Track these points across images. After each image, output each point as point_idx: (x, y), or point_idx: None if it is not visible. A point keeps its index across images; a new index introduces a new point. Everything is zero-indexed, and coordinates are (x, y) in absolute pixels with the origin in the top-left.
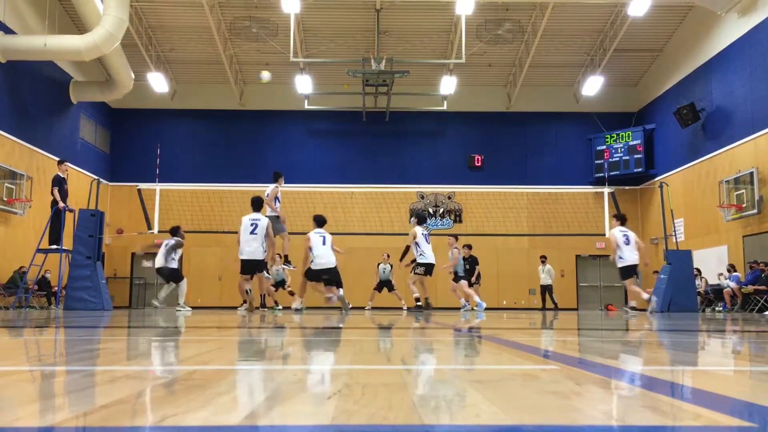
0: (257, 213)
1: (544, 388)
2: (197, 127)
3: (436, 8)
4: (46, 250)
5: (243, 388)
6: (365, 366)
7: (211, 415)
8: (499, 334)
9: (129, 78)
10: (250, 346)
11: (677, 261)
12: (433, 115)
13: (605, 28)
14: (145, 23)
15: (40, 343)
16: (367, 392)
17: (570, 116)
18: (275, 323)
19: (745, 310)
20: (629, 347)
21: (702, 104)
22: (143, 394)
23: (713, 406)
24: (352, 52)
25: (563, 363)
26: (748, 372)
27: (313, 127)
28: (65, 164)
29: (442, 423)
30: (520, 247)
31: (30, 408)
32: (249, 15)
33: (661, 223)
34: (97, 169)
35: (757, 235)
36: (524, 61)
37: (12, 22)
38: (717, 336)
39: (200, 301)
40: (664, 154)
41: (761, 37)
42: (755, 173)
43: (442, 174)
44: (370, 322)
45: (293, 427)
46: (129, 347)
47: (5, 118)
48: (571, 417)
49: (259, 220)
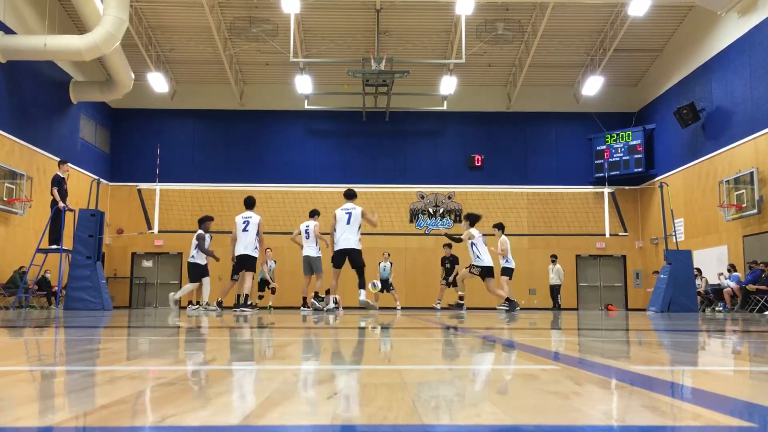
0: (250, 211)
1: (544, 388)
2: (197, 127)
3: (436, 8)
4: (46, 250)
5: (243, 388)
6: (365, 366)
7: (211, 415)
8: (499, 334)
9: (129, 78)
10: (251, 346)
11: (677, 261)
12: (433, 115)
13: (605, 28)
14: (145, 23)
15: (40, 343)
16: (367, 392)
17: (570, 116)
18: (272, 323)
19: (745, 310)
20: (629, 347)
21: (702, 104)
22: (143, 394)
23: (713, 406)
24: (352, 52)
25: (563, 363)
26: (748, 372)
27: (313, 127)
28: (66, 164)
29: (442, 423)
30: (520, 247)
31: (30, 408)
32: (249, 15)
33: (661, 223)
34: (97, 169)
35: (757, 235)
36: (524, 61)
37: (12, 22)
38: (717, 336)
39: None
40: (664, 154)
41: (761, 37)
42: (755, 173)
43: (442, 174)
44: (371, 321)
45: (293, 427)
46: (129, 347)
47: (5, 118)
48: (571, 417)
49: (251, 218)
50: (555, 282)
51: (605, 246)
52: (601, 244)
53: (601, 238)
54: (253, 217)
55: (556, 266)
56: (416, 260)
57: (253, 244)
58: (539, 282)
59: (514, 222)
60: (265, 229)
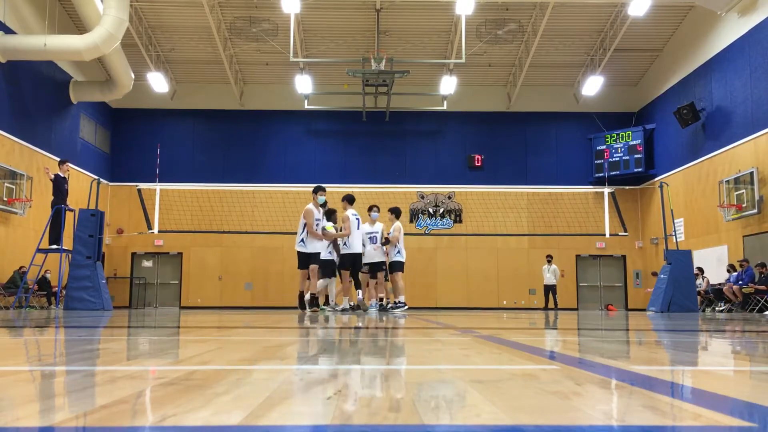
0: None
1: (544, 388)
2: (197, 127)
3: (436, 8)
4: (46, 250)
5: (243, 387)
6: (365, 366)
7: (211, 415)
8: (499, 334)
9: (129, 78)
10: (251, 346)
11: (677, 261)
12: (433, 115)
13: (605, 28)
14: (145, 23)
15: (40, 343)
16: (367, 392)
17: (570, 116)
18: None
19: (745, 309)
20: (629, 347)
21: (702, 104)
22: (143, 394)
23: (713, 406)
24: (352, 52)
25: (563, 363)
26: (748, 372)
27: (313, 127)
28: (66, 164)
29: (442, 423)
30: (520, 247)
31: (30, 408)
32: (249, 15)
33: (661, 223)
34: (97, 169)
35: (757, 235)
36: (524, 61)
37: (12, 22)
38: (717, 336)
39: (200, 301)
40: (664, 154)
41: (761, 37)
42: (755, 173)
43: (442, 174)
44: (371, 321)
45: (293, 427)
46: (129, 347)
47: (5, 118)
48: (571, 417)
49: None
50: (551, 282)
51: (605, 246)
52: (601, 244)
53: (601, 238)
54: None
55: (552, 266)
56: (416, 260)
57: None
58: (540, 282)
59: (514, 222)
60: (265, 229)
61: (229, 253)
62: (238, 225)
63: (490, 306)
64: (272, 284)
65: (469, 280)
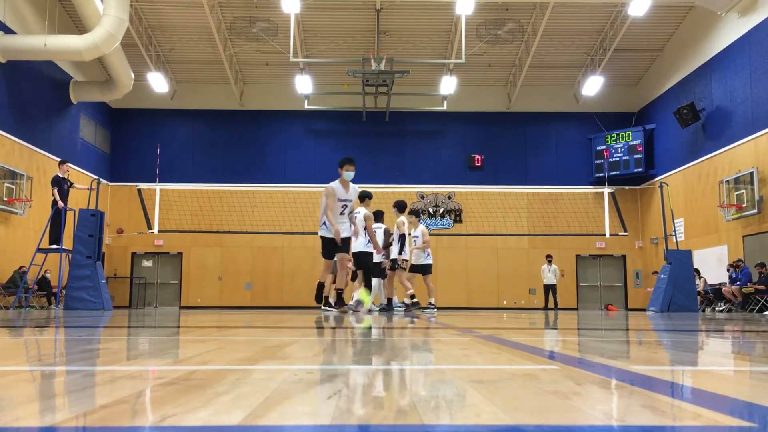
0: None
1: (544, 388)
2: (197, 127)
3: (436, 8)
4: (46, 250)
5: (243, 387)
6: (365, 366)
7: (211, 415)
8: (499, 334)
9: (129, 78)
10: (251, 346)
11: (677, 261)
12: (433, 115)
13: (605, 28)
14: (145, 23)
15: (40, 343)
16: (367, 392)
17: (570, 116)
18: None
19: (745, 309)
20: (629, 347)
21: (702, 104)
22: (143, 394)
23: (713, 406)
24: (352, 52)
25: (563, 363)
26: (748, 372)
27: (313, 127)
28: (66, 164)
29: (442, 423)
30: (520, 247)
31: (30, 408)
32: (249, 15)
33: (661, 223)
34: (97, 169)
35: (757, 235)
36: (524, 61)
37: (12, 22)
38: (717, 336)
39: (200, 301)
40: (664, 154)
41: (761, 37)
42: (755, 173)
43: (442, 174)
44: (371, 321)
45: (293, 427)
46: (129, 347)
47: (5, 118)
48: (571, 417)
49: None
50: (551, 282)
51: (605, 246)
52: (601, 244)
53: (601, 238)
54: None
55: (552, 266)
56: None
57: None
58: (540, 282)
59: (514, 222)
60: (265, 229)
61: (229, 253)
62: (238, 225)
63: (490, 306)
64: (272, 284)
65: (469, 280)
